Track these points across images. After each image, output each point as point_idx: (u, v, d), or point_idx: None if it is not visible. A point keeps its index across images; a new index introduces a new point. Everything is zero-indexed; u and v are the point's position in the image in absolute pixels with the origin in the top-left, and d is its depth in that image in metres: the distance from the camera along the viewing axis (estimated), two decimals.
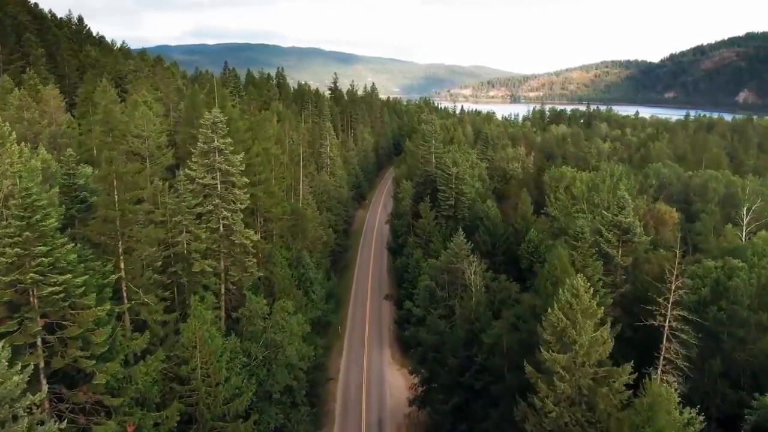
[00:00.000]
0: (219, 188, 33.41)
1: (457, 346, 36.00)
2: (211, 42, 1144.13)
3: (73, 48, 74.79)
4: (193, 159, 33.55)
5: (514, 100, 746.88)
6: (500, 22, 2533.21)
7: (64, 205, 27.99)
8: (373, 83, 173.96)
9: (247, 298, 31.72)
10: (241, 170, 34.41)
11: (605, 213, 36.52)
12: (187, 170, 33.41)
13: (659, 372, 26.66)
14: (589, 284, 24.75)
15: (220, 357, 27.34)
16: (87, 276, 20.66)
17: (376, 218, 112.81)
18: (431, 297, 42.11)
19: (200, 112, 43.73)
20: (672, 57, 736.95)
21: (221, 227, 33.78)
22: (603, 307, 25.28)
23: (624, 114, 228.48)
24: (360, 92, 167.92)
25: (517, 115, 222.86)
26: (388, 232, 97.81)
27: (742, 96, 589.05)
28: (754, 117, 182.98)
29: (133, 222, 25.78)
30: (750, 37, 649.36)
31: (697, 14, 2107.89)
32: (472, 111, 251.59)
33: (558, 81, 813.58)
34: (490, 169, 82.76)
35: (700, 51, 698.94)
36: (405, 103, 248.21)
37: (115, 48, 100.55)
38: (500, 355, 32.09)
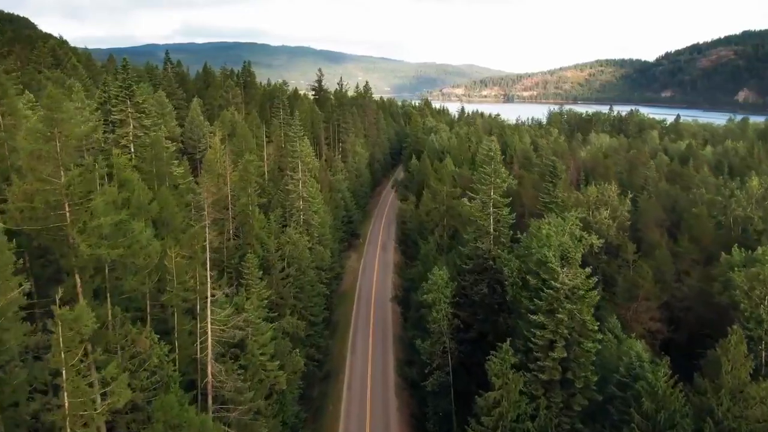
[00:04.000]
0: None
1: None
2: (200, 41, 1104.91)
3: None
4: None
5: (508, 99, 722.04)
6: (492, 20, 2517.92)
7: None
8: (367, 82, 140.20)
9: None
10: None
11: None
12: None
13: None
14: None
15: None
16: None
17: (374, 271, 79.78)
18: None
19: None
20: (668, 55, 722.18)
21: None
22: None
23: (652, 116, 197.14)
24: (351, 93, 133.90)
25: (533, 118, 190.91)
26: (392, 308, 64.71)
27: (741, 95, 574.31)
28: None
29: None
30: (747, 35, 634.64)
31: (692, 12, 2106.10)
32: (475, 113, 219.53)
33: (552, 80, 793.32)
34: None
35: (696, 50, 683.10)
36: (400, 104, 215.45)
37: None
38: None
